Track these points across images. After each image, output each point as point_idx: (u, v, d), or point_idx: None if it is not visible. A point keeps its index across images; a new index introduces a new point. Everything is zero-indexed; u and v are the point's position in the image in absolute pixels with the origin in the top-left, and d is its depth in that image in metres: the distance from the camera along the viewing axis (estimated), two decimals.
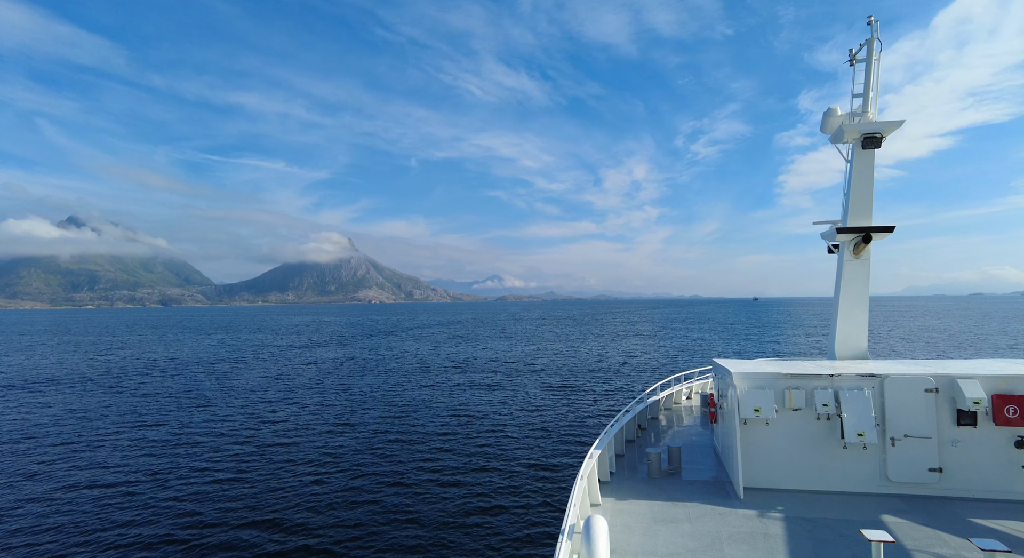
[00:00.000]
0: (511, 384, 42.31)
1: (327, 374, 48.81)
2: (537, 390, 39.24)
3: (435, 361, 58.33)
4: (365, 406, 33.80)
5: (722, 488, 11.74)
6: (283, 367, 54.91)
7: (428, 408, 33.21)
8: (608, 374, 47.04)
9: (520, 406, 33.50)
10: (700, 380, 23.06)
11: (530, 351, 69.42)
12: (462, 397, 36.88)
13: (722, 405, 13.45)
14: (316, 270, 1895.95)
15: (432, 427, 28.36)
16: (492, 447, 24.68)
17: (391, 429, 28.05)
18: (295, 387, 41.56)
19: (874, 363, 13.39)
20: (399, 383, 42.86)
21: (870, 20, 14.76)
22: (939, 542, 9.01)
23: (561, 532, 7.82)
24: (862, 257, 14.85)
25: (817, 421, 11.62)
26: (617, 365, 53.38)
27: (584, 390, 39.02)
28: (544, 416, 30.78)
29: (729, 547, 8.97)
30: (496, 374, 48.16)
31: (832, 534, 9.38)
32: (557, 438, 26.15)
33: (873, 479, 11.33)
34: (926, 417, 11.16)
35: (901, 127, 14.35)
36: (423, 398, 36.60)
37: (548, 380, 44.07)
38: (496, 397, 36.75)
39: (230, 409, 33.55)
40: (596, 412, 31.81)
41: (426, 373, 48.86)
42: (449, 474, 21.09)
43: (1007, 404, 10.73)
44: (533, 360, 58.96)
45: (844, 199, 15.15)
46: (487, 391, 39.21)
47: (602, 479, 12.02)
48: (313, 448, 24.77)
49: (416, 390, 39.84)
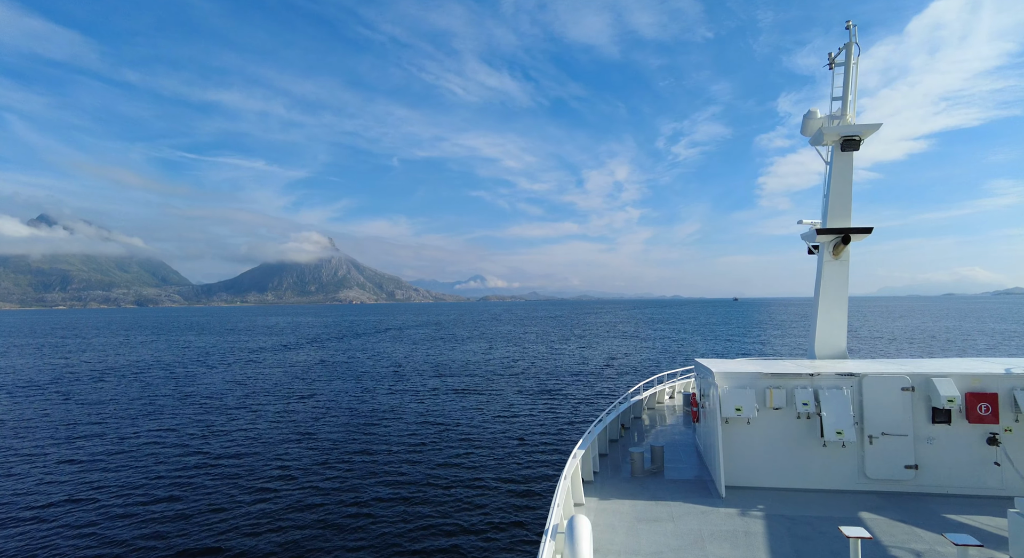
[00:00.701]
0: (489, 388, 40.54)
1: (294, 379, 46.36)
2: (517, 393, 37.67)
3: (410, 364, 55.93)
4: (330, 414, 31.54)
5: (704, 487, 11.84)
6: (248, 371, 52.24)
7: (398, 415, 31.22)
8: (590, 377, 45.53)
9: (500, 409, 31.95)
10: (683, 380, 23.11)
11: (510, 353, 67.62)
12: (436, 402, 35.00)
13: (704, 404, 13.56)
14: (296, 270, 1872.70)
15: (402, 434, 26.46)
16: (471, 450, 23.70)
17: (355, 438, 26.02)
18: (256, 393, 39.06)
19: (853, 362, 13.56)
20: (369, 388, 40.55)
21: (848, 25, 14.93)
22: (915, 538, 9.17)
23: (545, 532, 7.79)
24: (841, 258, 15.10)
25: (797, 420, 11.76)
26: (599, 367, 51.90)
27: (566, 392, 37.60)
28: (525, 418, 29.80)
29: (711, 545, 9.03)
30: (474, 377, 46.30)
31: (812, 531, 9.49)
32: (539, 439, 25.60)
33: (852, 476, 11.49)
34: (902, 415, 11.37)
35: (878, 130, 14.55)
36: (393, 404, 34.53)
37: (529, 383, 42.48)
38: (473, 402, 34.95)
39: (180, 418, 31.11)
40: (578, 414, 31.06)
41: (399, 377, 46.62)
42: (425, 476, 20.41)
43: (979, 402, 10.95)
44: (513, 362, 57.26)
45: (824, 201, 15.32)
46: (464, 395, 37.41)
47: (586, 479, 11.95)
48: (265, 462, 22.61)
49: (386, 396, 37.69)
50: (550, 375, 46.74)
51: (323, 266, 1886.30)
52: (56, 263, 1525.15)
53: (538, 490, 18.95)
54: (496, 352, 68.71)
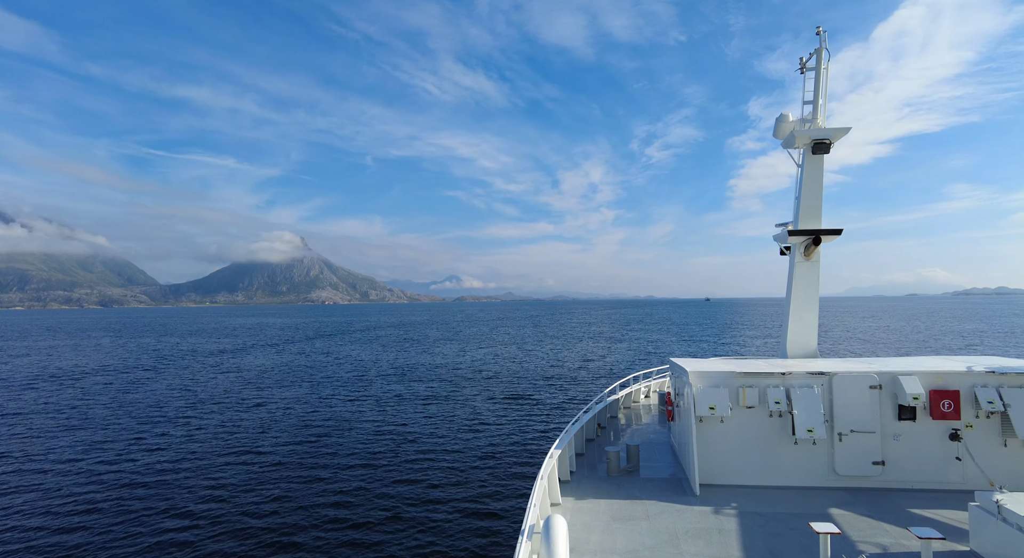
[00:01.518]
0: (461, 391, 38.17)
1: (246, 385, 43.02)
2: (491, 395, 35.56)
3: (375, 368, 52.84)
4: (278, 426, 28.57)
5: (679, 485, 11.97)
6: (198, 376, 48.73)
7: (356, 423, 28.57)
8: (565, 378, 43.53)
9: (473, 412, 30.41)
10: (658, 379, 23.21)
11: (482, 355, 65.18)
12: (402, 407, 32.49)
13: (679, 403, 13.68)
14: (267, 270, 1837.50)
15: (362, 441, 24.10)
16: (445, 452, 22.80)
17: (305, 452, 23.34)
18: (201, 402, 35.80)
19: (823, 361, 13.82)
20: (326, 396, 37.46)
21: (819, 31, 15.16)
22: (881, 532, 9.41)
23: (521, 532, 7.83)
24: (812, 259, 15.33)
25: (769, 418, 11.92)
26: (575, 368, 49.98)
27: (541, 393, 35.69)
28: (501, 419, 28.89)
29: (685, 543, 9.12)
30: (443, 381, 43.75)
31: (783, 527, 9.65)
32: (517, 439, 25.28)
33: (822, 473, 11.72)
34: (870, 413, 11.59)
35: (847, 134, 14.83)
36: (351, 412, 31.79)
37: (503, 384, 40.28)
38: (444, 406, 32.57)
39: (111, 430, 27.99)
40: (555, 414, 30.38)
41: (362, 382, 43.63)
42: (395, 479, 20.03)
43: (943, 399, 11.25)
44: (485, 365, 54.92)
45: (795, 203, 15.53)
46: (433, 399, 34.93)
47: (562, 478, 11.98)
48: (196, 483, 19.78)
49: (345, 404, 34.88)
50: (525, 377, 44.78)
51: (295, 266, 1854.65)
52: (13, 262, 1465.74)
53: (515, 490, 18.78)
54: (469, 354, 66.25)
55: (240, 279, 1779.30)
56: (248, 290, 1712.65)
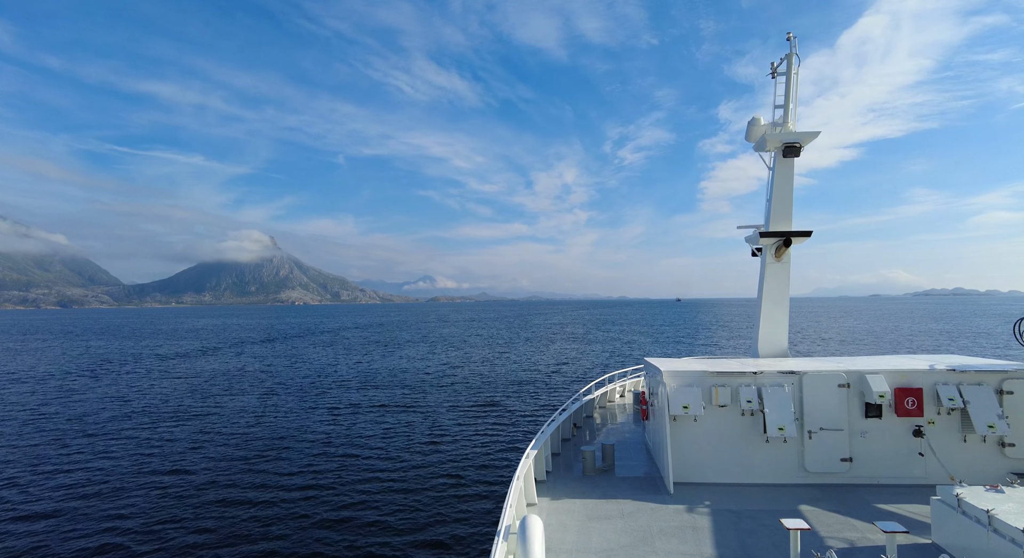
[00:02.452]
0: (429, 397, 36.29)
1: (190, 392, 39.67)
2: (463, 399, 34.01)
3: (335, 372, 50.06)
4: (217, 440, 26.03)
5: (653, 484, 12.05)
6: (140, 383, 45.19)
7: (310, 433, 26.61)
8: (537, 383, 42.01)
9: (444, 417, 28.87)
10: (633, 379, 23.26)
11: (454, 357, 63.28)
12: (364, 411, 30.60)
13: (653, 403, 13.71)
14: (235, 270, 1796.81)
15: (320, 451, 22.15)
16: (420, 454, 21.67)
17: (247, 470, 21.37)
18: (135, 413, 32.62)
19: (793, 361, 14.05)
20: (278, 405, 34.44)
21: (789, 36, 15.28)
22: (848, 527, 9.60)
23: (497, 533, 7.80)
24: (783, 260, 15.55)
25: (742, 417, 12.06)
26: (547, 374, 48.36)
27: (515, 397, 34.22)
28: (474, 424, 28.18)
29: (660, 541, 9.19)
30: (410, 386, 41.72)
31: (755, 524, 9.74)
32: (493, 440, 25.30)
33: (792, 470, 11.87)
34: (839, 411, 11.80)
35: (817, 137, 15.04)
36: (302, 423, 29.74)
37: (474, 389, 38.63)
38: (409, 414, 30.70)
39: (18, 447, 25.01)
40: (531, 415, 29.90)
41: (319, 389, 40.99)
42: (368, 480, 20.06)
43: (907, 396, 11.51)
44: (457, 367, 53.17)
45: (767, 205, 15.75)
46: (398, 405, 33.08)
47: (538, 478, 11.99)
48: (103, 509, 17.60)
49: (297, 414, 32.53)
50: (498, 379, 43.33)
51: (264, 266, 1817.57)
52: None
53: (492, 491, 18.74)
54: (439, 357, 64.24)
55: (208, 279, 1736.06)
56: (216, 290, 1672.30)
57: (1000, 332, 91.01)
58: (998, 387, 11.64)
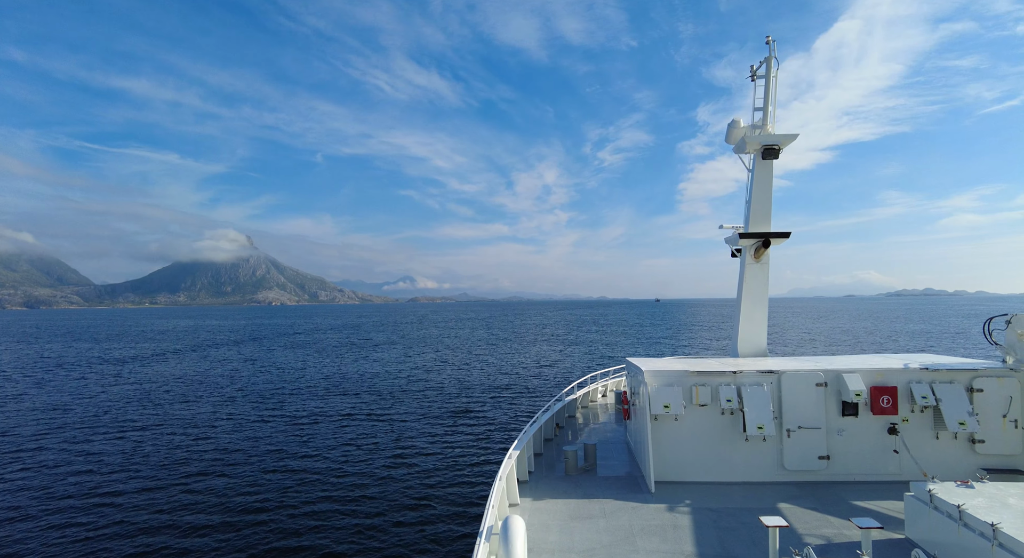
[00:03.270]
0: (406, 401, 35.33)
1: (137, 400, 36.98)
2: (445, 401, 33.36)
3: (303, 377, 47.79)
4: (152, 458, 23.46)
5: (635, 483, 12.12)
6: (85, 390, 42.41)
7: (268, 442, 25.63)
8: (516, 388, 41.14)
9: (425, 420, 28.51)
10: (615, 379, 23.29)
11: (429, 360, 61.81)
12: (342, 412, 29.60)
13: (634, 402, 13.79)
14: (211, 269, 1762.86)
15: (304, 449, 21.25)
16: (402, 457, 20.92)
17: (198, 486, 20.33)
18: (69, 424, 30.01)
19: (772, 360, 14.14)
20: (233, 414, 31.95)
21: (768, 40, 15.31)
22: (826, 524, 9.74)
23: (479, 534, 7.88)
24: (762, 261, 15.66)
25: (721, 416, 12.18)
26: (527, 377, 47.19)
27: (497, 398, 33.68)
28: (457, 426, 28.02)
29: (641, 540, 9.25)
30: (377, 394, 40.59)
31: (735, 522, 9.84)
32: (473, 443, 25.05)
33: (771, 469, 12.02)
34: (816, 409, 11.97)
35: (795, 140, 15.08)
36: (262, 432, 28.45)
37: (455, 391, 37.71)
38: (387, 418, 29.92)
39: None
40: (513, 417, 29.76)
41: (278, 397, 38.41)
42: (352, 478, 20.21)
43: (882, 395, 11.74)
44: (434, 370, 52.15)
45: (746, 206, 15.83)
46: (372, 410, 32.11)
47: (521, 479, 11.94)
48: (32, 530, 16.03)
49: (252, 426, 30.55)
50: (479, 381, 42.59)
51: (240, 266, 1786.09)
52: None
53: (475, 492, 18.80)
54: (416, 359, 63.07)
55: (182, 279, 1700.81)
56: (191, 290, 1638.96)
57: (971, 331, 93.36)
58: (968, 385, 11.93)
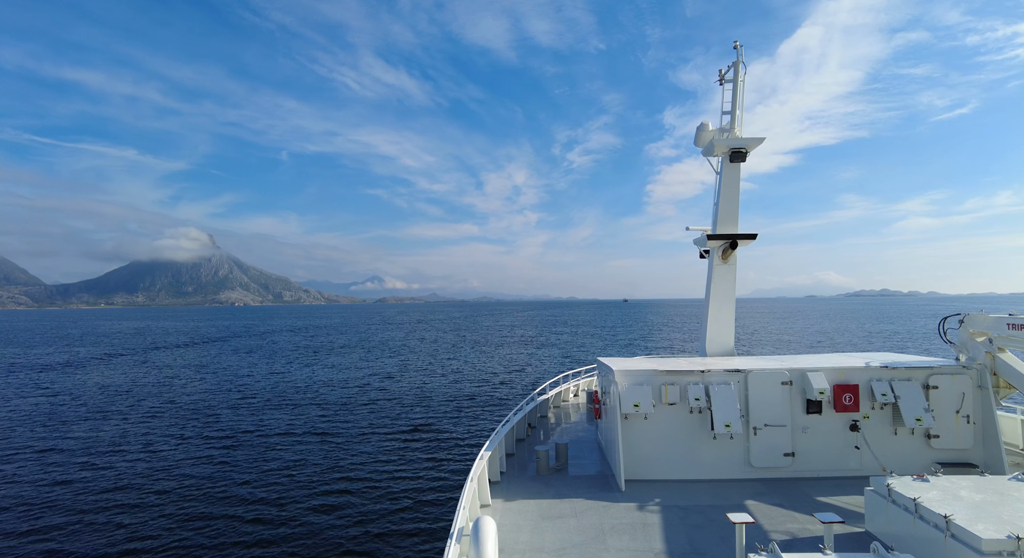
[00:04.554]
0: (366, 409, 34.03)
1: (42, 417, 32.45)
2: (414, 403, 32.38)
3: (246, 385, 43.89)
4: (37, 489, 19.99)
5: (606, 481, 12.20)
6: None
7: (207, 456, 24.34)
8: (483, 393, 40.38)
9: (392, 424, 27.87)
10: (587, 378, 23.43)
11: (390, 365, 59.57)
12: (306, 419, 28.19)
13: (605, 401, 13.90)
14: (171, 269, 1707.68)
15: None
16: (365, 467, 20.67)
17: None
18: None
19: (739, 359, 14.45)
20: (155, 432, 28.08)
21: (736, 45, 15.56)
22: (790, 519, 10.00)
23: (450, 536, 7.84)
24: (729, 262, 16.08)
25: (690, 414, 12.36)
26: (494, 384, 46.16)
27: (467, 400, 32.78)
28: (427, 428, 27.69)
29: (611, 538, 9.32)
30: (332, 401, 38.87)
31: (703, 519, 9.99)
32: (444, 444, 25.01)
33: (738, 466, 12.23)
34: (782, 407, 12.21)
35: (762, 143, 15.52)
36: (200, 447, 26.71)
37: (418, 398, 36.48)
38: (351, 424, 28.91)
39: None
40: (485, 418, 29.73)
41: (214, 407, 34.98)
42: (318, 484, 19.89)
43: (844, 393, 12.06)
44: (400, 374, 50.87)
45: (714, 208, 16.20)
46: (336, 413, 30.92)
47: (492, 479, 11.97)
48: None
49: (177, 443, 28.00)
50: (446, 385, 41.75)
51: (202, 265, 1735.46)
52: None
53: (446, 494, 18.72)
54: (372, 365, 60.37)
55: (141, 279, 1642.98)
56: (150, 291, 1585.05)
57: (919, 332, 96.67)
58: (925, 382, 12.26)
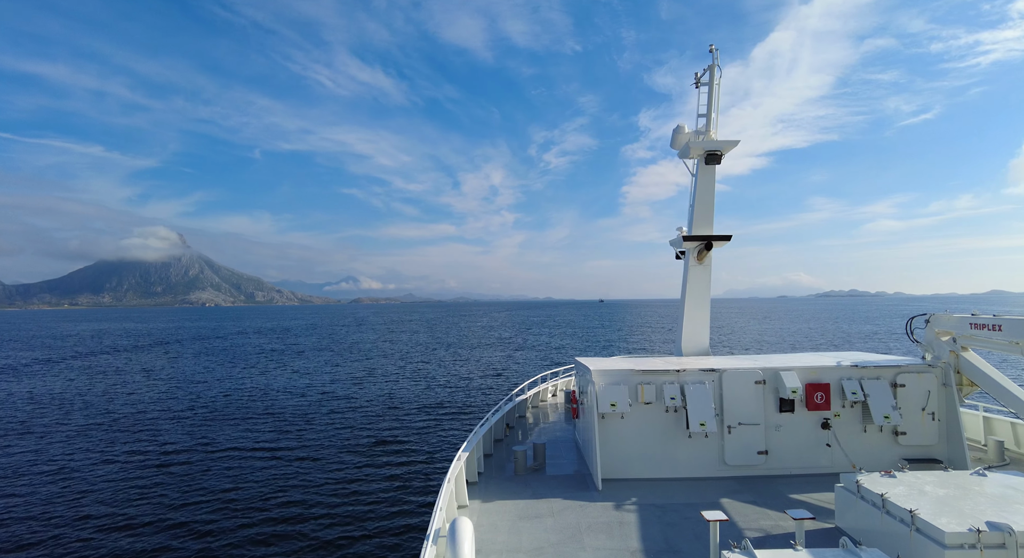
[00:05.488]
0: (338, 413, 33.34)
1: None
2: (390, 406, 31.86)
3: (194, 392, 40.91)
4: None
5: (583, 481, 12.32)
6: None
7: None
8: (462, 395, 39.75)
9: (368, 428, 27.31)
10: (565, 378, 23.50)
11: (359, 369, 57.16)
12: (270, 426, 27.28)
13: (583, 401, 14.08)
14: (140, 269, 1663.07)
15: None
16: (343, 469, 19.13)
17: None
18: None
19: (714, 359, 14.71)
20: (95, 448, 25.37)
21: (711, 49, 15.69)
22: (763, 516, 10.16)
23: (426, 537, 7.85)
24: (704, 263, 16.29)
25: (666, 413, 12.51)
26: (474, 382, 45.58)
27: (433, 414, 32.11)
28: (403, 430, 27.40)
29: (588, 537, 9.39)
30: (309, 402, 38.27)
31: (678, 517, 10.12)
32: (421, 446, 24.92)
33: (713, 464, 12.44)
34: (755, 406, 12.43)
35: (736, 146, 15.64)
36: None
37: (390, 405, 35.69)
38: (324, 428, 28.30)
39: None
40: (462, 419, 29.56)
41: (162, 415, 32.65)
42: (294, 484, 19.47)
43: (816, 391, 12.32)
44: (372, 377, 49.82)
45: (689, 210, 16.36)
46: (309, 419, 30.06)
47: (470, 480, 11.98)
48: None
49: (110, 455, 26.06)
50: (423, 387, 41.17)
51: (172, 265, 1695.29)
52: None
53: (424, 496, 18.56)
54: (341, 369, 58.38)
55: (107, 279, 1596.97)
56: (117, 291, 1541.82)
57: (894, 329, 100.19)
58: (893, 380, 12.52)
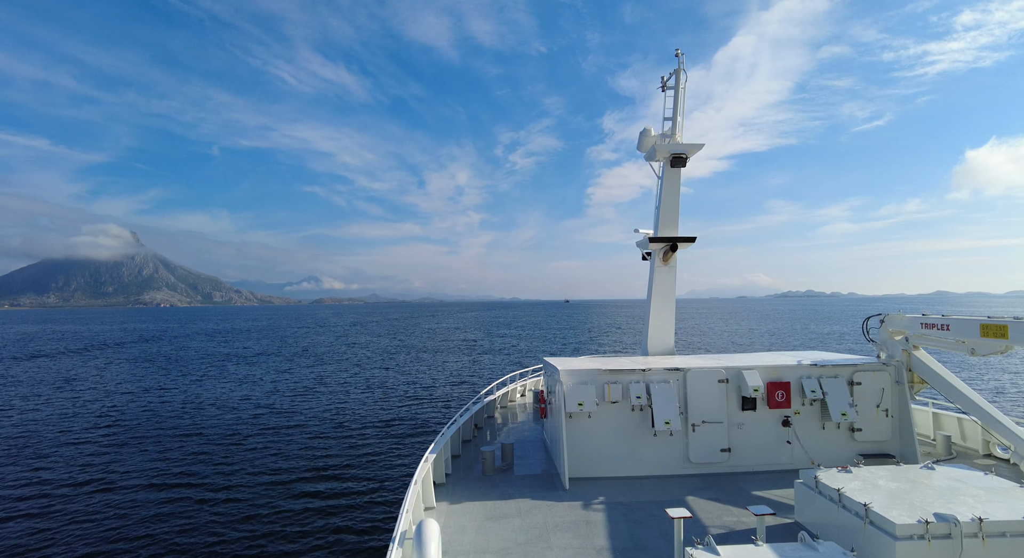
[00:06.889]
0: (296, 418, 33.07)
1: None
2: (354, 412, 31.61)
3: (114, 405, 36.81)
4: None
5: (551, 480, 12.47)
6: None
7: None
8: (427, 397, 39.50)
9: (332, 432, 26.75)
10: (534, 378, 23.74)
11: (320, 372, 56.16)
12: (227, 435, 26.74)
13: (551, 401, 14.35)
14: (89, 268, 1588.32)
15: None
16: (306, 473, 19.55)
17: None
18: None
19: (679, 358, 14.99)
20: None
21: (677, 53, 16.01)
22: (726, 513, 10.43)
23: (392, 539, 7.84)
24: (670, 264, 16.56)
25: (632, 412, 12.80)
26: (440, 384, 45.52)
27: (398, 416, 32.05)
28: (368, 433, 26.89)
29: (555, 537, 9.51)
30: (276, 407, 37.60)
31: (644, 515, 10.34)
32: (386, 448, 24.63)
33: (678, 462, 12.78)
34: (719, 404, 12.82)
35: (701, 149, 15.87)
36: None
37: (356, 407, 35.56)
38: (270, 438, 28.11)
39: None
40: (432, 420, 29.20)
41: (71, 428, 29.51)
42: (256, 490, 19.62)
43: (777, 390, 12.73)
44: (326, 383, 48.78)
45: (655, 212, 16.61)
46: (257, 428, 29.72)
47: (437, 481, 12.09)
48: None
49: None
50: (391, 388, 40.85)
51: (125, 264, 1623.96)
52: None
53: (390, 498, 18.39)
54: (294, 375, 55.91)
55: (53, 278, 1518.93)
56: (64, 291, 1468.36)
57: (851, 329, 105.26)
58: (849, 379, 13.11)
